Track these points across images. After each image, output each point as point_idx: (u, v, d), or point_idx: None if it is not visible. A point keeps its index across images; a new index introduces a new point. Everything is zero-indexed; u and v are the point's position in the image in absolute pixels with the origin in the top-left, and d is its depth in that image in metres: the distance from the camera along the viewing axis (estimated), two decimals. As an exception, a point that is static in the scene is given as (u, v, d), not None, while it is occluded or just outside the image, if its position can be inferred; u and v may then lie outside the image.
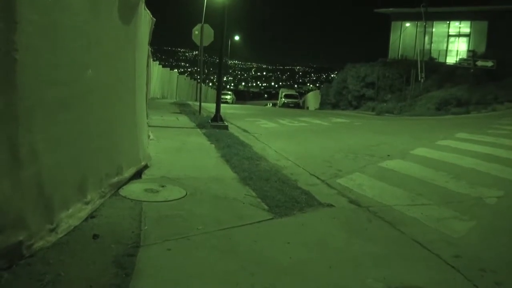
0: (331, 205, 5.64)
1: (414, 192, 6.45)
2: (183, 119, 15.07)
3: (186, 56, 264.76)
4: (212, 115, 13.31)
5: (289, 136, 12.53)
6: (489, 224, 5.31)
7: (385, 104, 29.53)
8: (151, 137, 9.19)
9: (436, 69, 32.75)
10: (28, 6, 3.18)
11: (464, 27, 36.94)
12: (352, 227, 4.92)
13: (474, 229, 5.08)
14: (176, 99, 34.07)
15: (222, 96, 20.59)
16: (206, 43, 17.07)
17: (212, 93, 46.25)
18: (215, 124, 12.67)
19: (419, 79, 29.86)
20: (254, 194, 5.80)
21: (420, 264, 3.99)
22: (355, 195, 6.22)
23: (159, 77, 32.87)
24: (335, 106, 36.78)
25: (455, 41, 37.76)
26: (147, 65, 7.97)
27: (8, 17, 3.01)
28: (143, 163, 6.36)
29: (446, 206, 5.88)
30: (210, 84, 78.43)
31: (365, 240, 4.51)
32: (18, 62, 3.09)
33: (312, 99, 46.40)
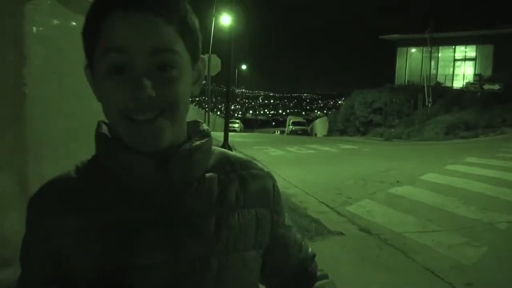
0: (341, 233, 5.61)
1: (425, 219, 6.39)
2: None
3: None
4: (221, 144, 13.36)
5: (297, 163, 12.52)
6: (501, 249, 5.23)
7: (393, 130, 29.46)
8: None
9: (443, 94, 32.75)
10: (36, 40, 3.25)
11: (470, 51, 37.10)
12: (362, 255, 4.87)
13: (486, 255, 5.01)
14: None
15: (230, 125, 20.70)
16: (213, 73, 17.28)
17: (220, 121, 46.51)
18: (223, 153, 12.66)
19: (427, 103, 29.84)
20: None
21: (432, 292, 3.94)
22: (365, 223, 6.18)
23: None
24: (343, 132, 36.77)
25: (461, 65, 37.88)
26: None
27: (17, 51, 3.07)
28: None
29: (457, 232, 5.81)
30: (218, 112, 79.04)
31: (376, 269, 4.46)
32: (27, 94, 3.14)
33: (320, 125, 46.45)
